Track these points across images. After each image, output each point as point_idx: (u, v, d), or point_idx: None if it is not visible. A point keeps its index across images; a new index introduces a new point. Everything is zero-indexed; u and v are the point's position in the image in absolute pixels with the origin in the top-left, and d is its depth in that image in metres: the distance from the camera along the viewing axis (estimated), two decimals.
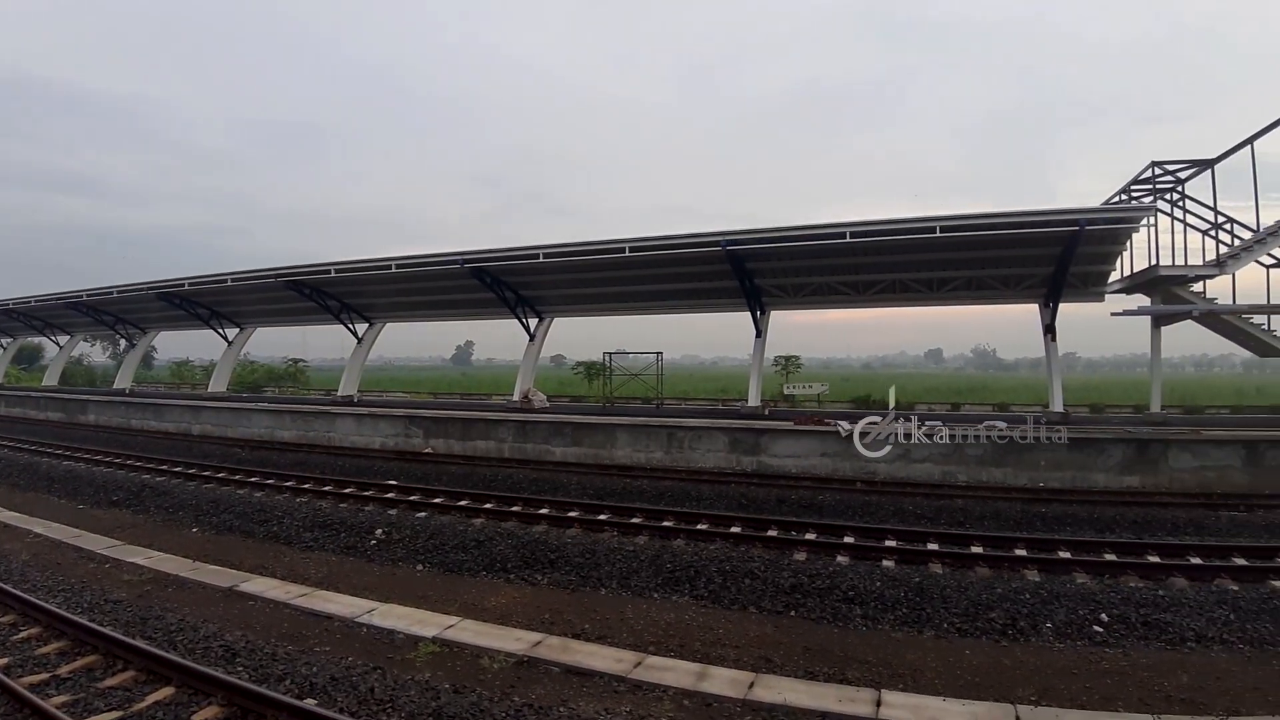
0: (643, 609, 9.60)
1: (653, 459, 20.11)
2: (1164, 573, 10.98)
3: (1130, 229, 21.15)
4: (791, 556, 11.65)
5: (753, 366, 26.26)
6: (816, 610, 9.60)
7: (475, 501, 15.54)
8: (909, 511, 15.14)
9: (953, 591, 10.06)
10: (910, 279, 24.28)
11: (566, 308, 29.52)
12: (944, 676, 7.72)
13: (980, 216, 20.66)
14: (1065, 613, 9.42)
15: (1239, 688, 7.54)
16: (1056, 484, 17.07)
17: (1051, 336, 23.06)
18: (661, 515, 14.22)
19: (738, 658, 8.00)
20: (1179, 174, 24.34)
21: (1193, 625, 9.07)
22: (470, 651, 8.02)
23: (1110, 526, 14.00)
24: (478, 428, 22.87)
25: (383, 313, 32.86)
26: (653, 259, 23.83)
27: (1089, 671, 7.95)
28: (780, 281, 25.34)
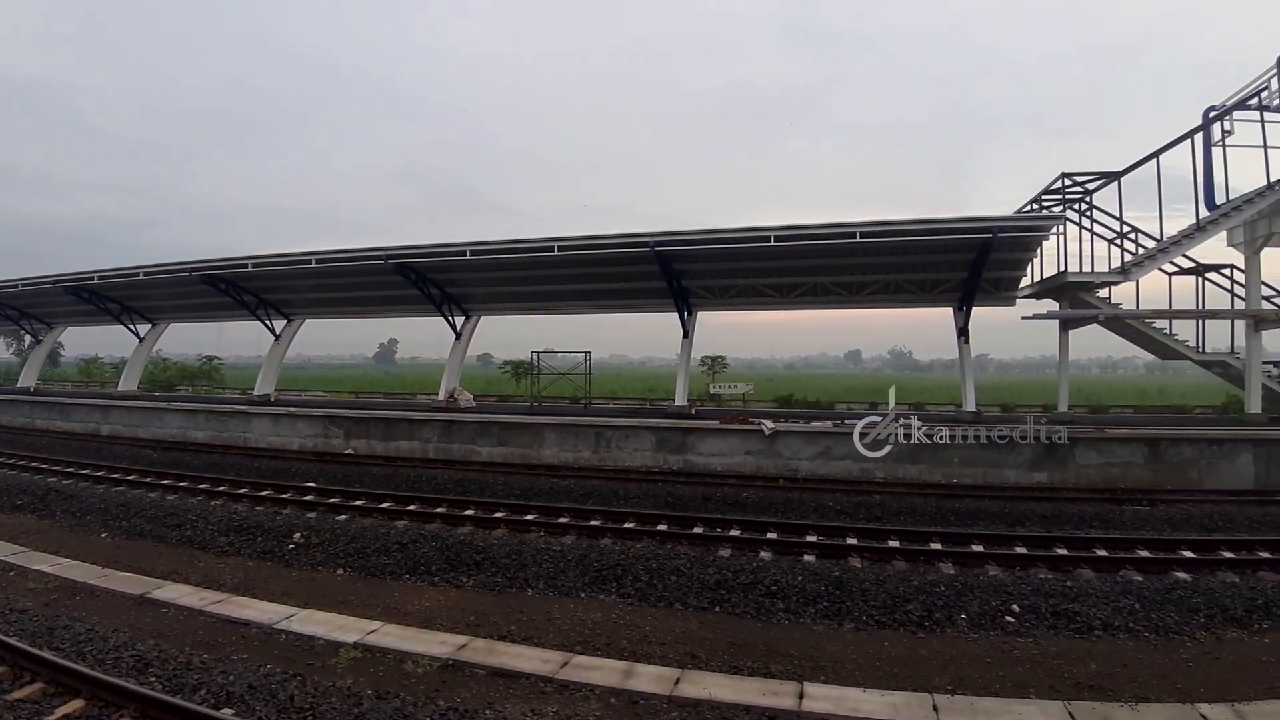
0: (570, 609, 9.65)
1: (580, 458, 20.18)
2: (1072, 565, 11.53)
3: (1040, 237, 22.23)
4: (717, 553, 11.88)
5: (680, 366, 26.53)
6: (741, 605, 9.79)
7: (398, 503, 15.35)
8: (829, 507, 15.58)
9: (871, 585, 10.40)
10: (832, 282, 24.92)
11: (494, 306, 29.30)
12: (864, 668, 7.96)
13: (898, 223, 21.39)
14: (979, 604, 9.81)
15: (1146, 675, 7.94)
16: (969, 480, 17.78)
17: (965, 339, 23.94)
18: (589, 515, 14.30)
19: (664, 655, 8.12)
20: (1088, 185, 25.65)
21: (1100, 615, 9.53)
22: (393, 656, 7.94)
23: (1021, 520, 14.64)
24: (401, 428, 22.53)
25: (302, 309, 32.02)
26: (581, 258, 23.89)
27: (1002, 660, 8.27)
28: (707, 283, 25.68)
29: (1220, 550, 12.22)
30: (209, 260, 28.29)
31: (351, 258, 25.78)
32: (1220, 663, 8.30)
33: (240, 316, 32.15)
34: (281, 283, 29.51)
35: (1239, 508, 15.67)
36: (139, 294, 33.34)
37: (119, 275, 30.50)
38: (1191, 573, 11.20)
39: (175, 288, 31.17)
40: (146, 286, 31.54)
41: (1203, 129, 22.35)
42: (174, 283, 30.16)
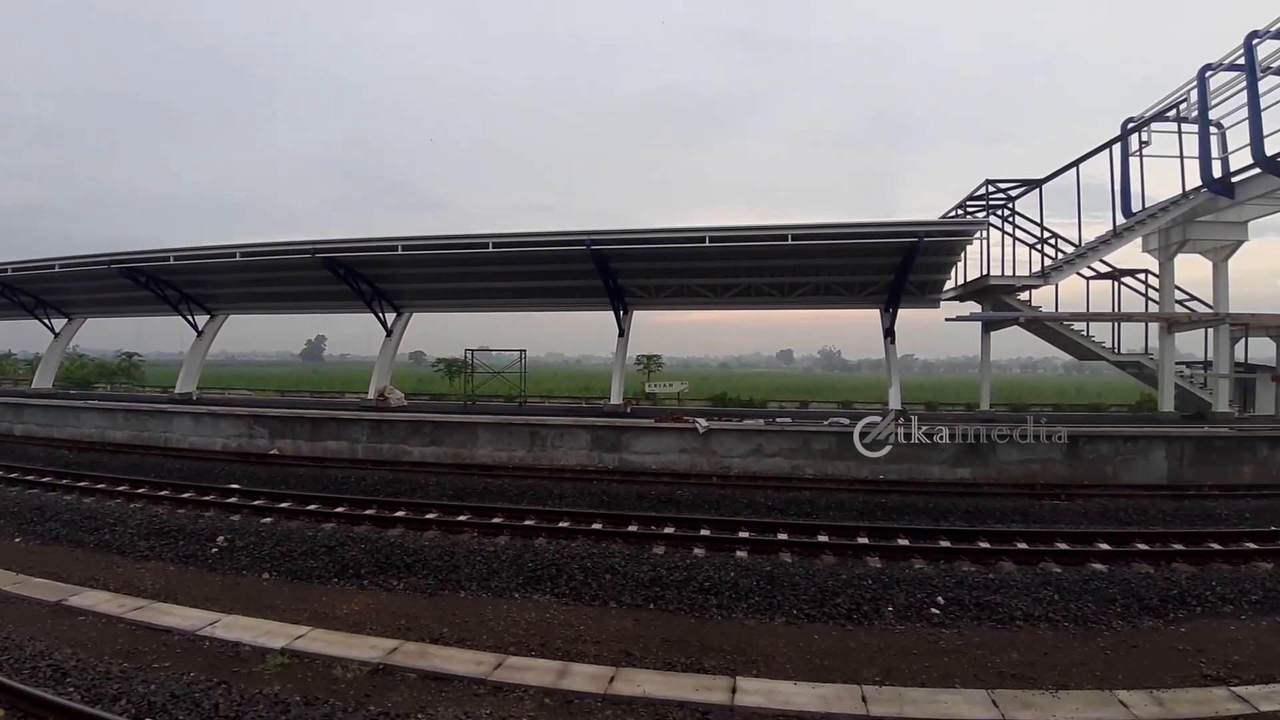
0: (504, 610, 9.54)
1: (515, 457, 20.00)
2: (994, 558, 11.88)
3: (965, 241, 22.96)
4: (651, 551, 11.90)
5: (615, 365, 26.58)
6: (675, 602, 9.83)
7: (326, 505, 14.96)
8: (761, 504, 15.81)
9: (801, 579, 10.57)
10: (764, 283, 25.28)
11: (426, 303, 28.86)
12: (795, 661, 8.07)
13: (828, 227, 21.83)
14: (905, 596, 10.05)
15: (1066, 663, 8.21)
16: (895, 476, 18.20)
17: (891, 339, 24.57)
18: (523, 514, 14.17)
19: (598, 653, 8.09)
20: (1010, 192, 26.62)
21: (1021, 606, 9.84)
22: (322, 661, 7.74)
23: (945, 515, 15.04)
24: (329, 427, 21.99)
25: (226, 304, 31.04)
26: (517, 255, 23.73)
27: (928, 651, 8.47)
28: (643, 282, 25.78)
29: (1135, 543, 12.72)
30: (129, 252, 27.25)
31: (278, 251, 25.11)
32: (1137, 650, 8.64)
33: (162, 311, 31.00)
34: (205, 276, 28.56)
35: (1153, 502, 16.38)
36: (55, 287, 31.90)
37: (33, 268, 29.18)
38: (1108, 564, 11.64)
39: (93, 281, 29.88)
40: (62, 279, 30.17)
41: (1121, 139, 23.37)
42: (92, 275, 28.89)
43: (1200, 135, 20.89)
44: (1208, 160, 20.72)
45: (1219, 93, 20.50)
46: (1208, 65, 20.18)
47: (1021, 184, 26.48)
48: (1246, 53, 18.23)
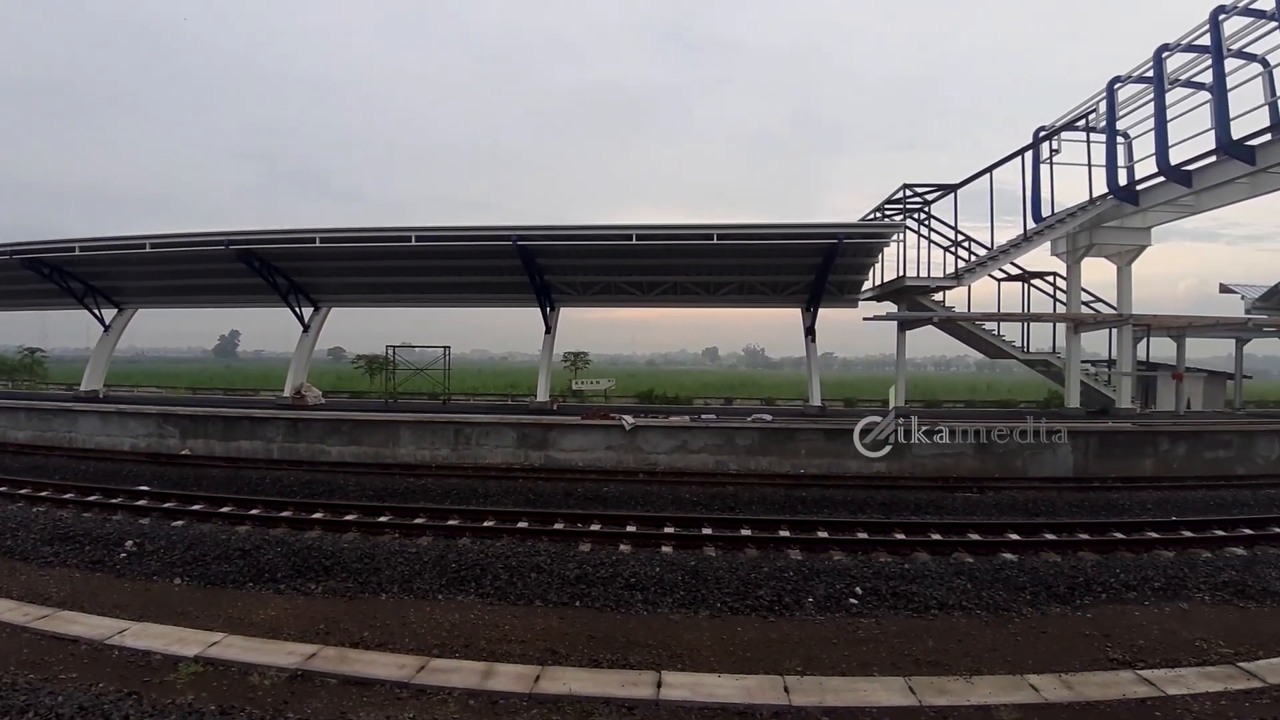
0: (426, 612, 9.36)
1: (438, 456, 19.69)
2: (909, 548, 12.25)
3: (882, 243, 23.63)
4: (577, 548, 11.88)
5: (542, 362, 26.44)
6: (601, 599, 9.82)
7: (240, 507, 14.42)
8: (686, 499, 15.98)
9: (725, 572, 10.69)
10: (691, 282, 25.50)
11: (346, 297, 28.15)
12: (719, 654, 8.13)
13: (752, 227, 22.22)
14: (825, 588, 10.24)
15: (979, 649, 8.49)
16: (816, 470, 18.62)
17: (811, 338, 25.10)
18: (447, 514, 13.94)
19: (524, 653, 8.01)
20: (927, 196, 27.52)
21: (935, 595, 10.14)
22: (237, 669, 7.46)
23: (862, 508, 15.44)
24: (243, 426, 21.24)
25: (135, 297, 29.66)
26: (441, 249, 23.37)
27: (847, 641, 8.65)
28: (570, 279, 25.70)
29: (1043, 533, 13.26)
30: (31, 243, 25.80)
31: (190, 243, 24.15)
32: (1046, 636, 9.00)
33: (66, 305, 29.46)
34: (112, 268, 27.25)
35: (1059, 493, 17.15)
36: None
37: None
38: (1018, 554, 12.12)
39: None
40: None
41: (1033, 147, 24.34)
42: None
43: (1108, 144, 21.88)
44: (1114, 168, 21.73)
45: (1126, 104, 21.50)
46: (1117, 77, 21.13)
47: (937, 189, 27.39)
48: (1155, 65, 19.12)
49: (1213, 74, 17.33)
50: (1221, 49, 16.95)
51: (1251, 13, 16.21)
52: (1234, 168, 18.01)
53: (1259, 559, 12.06)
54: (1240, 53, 17.22)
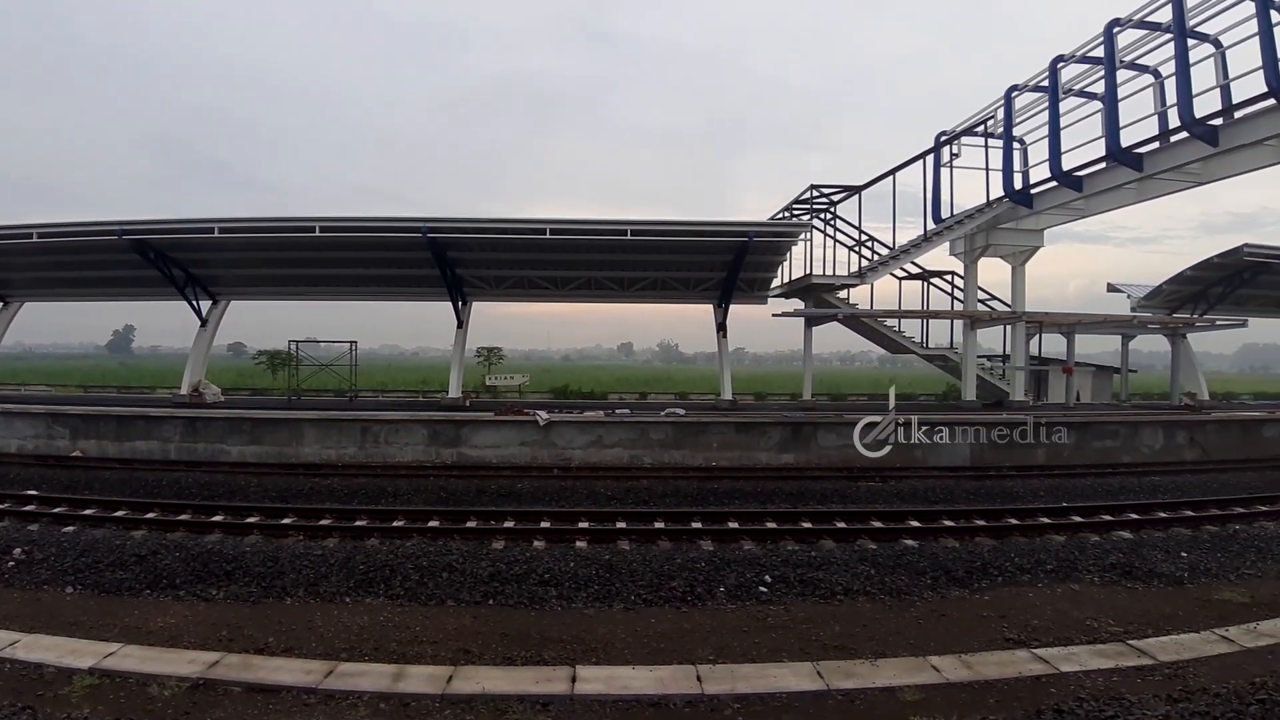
0: (334, 615, 9.10)
1: (345, 455, 19.14)
2: (816, 537, 12.61)
3: (790, 242, 24.23)
4: (490, 546, 11.74)
5: (454, 357, 26.07)
6: (514, 596, 9.75)
7: (135, 510, 13.72)
8: (601, 494, 16.01)
9: (639, 565, 10.79)
10: (605, 277, 25.56)
11: (246, 290, 27.09)
12: (633, 646, 8.19)
13: (666, 224, 22.50)
14: (735, 577, 10.45)
15: (883, 632, 8.80)
16: (727, 463, 18.95)
17: (723, 334, 25.51)
18: (354, 514, 13.57)
19: (436, 653, 7.88)
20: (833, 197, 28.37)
21: (841, 581, 10.46)
22: (135, 680, 7.11)
23: (771, 498, 15.83)
24: (137, 426, 20.20)
25: (22, 290, 27.83)
26: (348, 241, 22.74)
27: (757, 628, 8.86)
28: (482, 273, 25.40)
29: (942, 520, 13.83)
30: None
31: (81, 233, 22.83)
32: (946, 619, 9.38)
33: None
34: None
35: (957, 482, 17.87)
36: None
37: None
38: (918, 540, 12.60)
39: None
40: None
41: (934, 151, 25.29)
42: None
43: (1004, 150, 22.94)
44: (1010, 173, 22.78)
45: (1023, 111, 22.53)
46: (1014, 86, 22.11)
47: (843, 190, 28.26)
48: (1051, 75, 20.08)
49: (1105, 84, 18.30)
50: (1114, 61, 17.90)
51: (1145, 25, 17.15)
52: (1122, 174, 19.09)
53: (1144, 542, 12.84)
54: (1132, 64, 18.21)
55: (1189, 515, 14.42)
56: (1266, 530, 13.71)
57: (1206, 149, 16.32)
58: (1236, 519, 14.33)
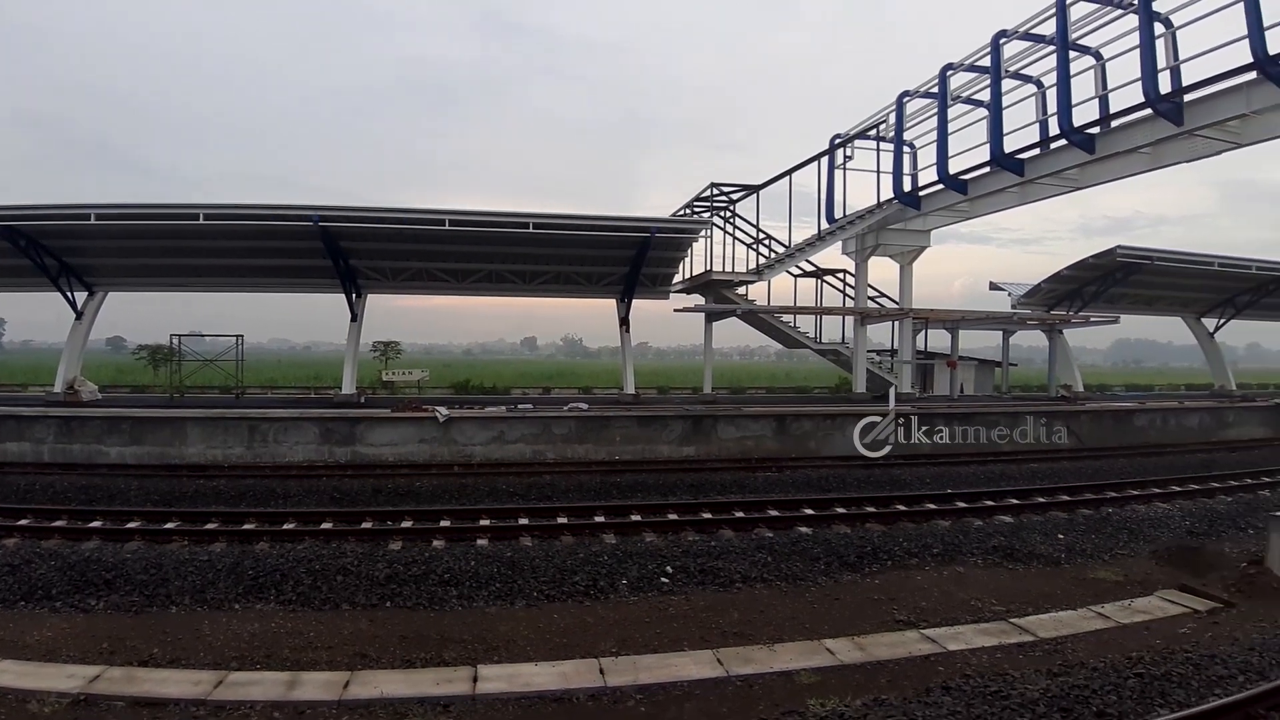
0: (222, 623, 8.76)
1: (232, 455, 18.35)
2: (715, 527, 12.94)
3: (692, 238, 24.62)
4: (387, 547, 11.50)
5: (348, 352, 25.30)
6: (413, 598, 9.63)
7: (6, 518, 12.79)
8: (503, 490, 15.91)
9: (541, 561, 10.82)
10: (507, 270, 25.32)
11: (126, 280, 25.56)
12: (535, 643, 8.24)
13: (569, 217, 22.39)
14: (638, 569, 10.64)
15: (780, 618, 9.13)
16: (630, 456, 19.16)
17: (626, 328, 25.69)
18: (242, 518, 13.06)
19: (331, 659, 7.71)
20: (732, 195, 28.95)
21: (739, 569, 10.80)
22: (13, 696, 6.70)
23: (672, 490, 16.13)
24: (7, 426, 18.80)
25: None
26: (234, 229, 21.71)
27: (659, 618, 9.04)
28: (378, 264, 24.74)
29: (835, 507, 14.37)
30: None
31: None
32: (839, 602, 9.81)
33: None
34: None
35: (848, 470, 18.59)
36: None
37: None
38: (812, 527, 13.12)
39: None
40: None
41: (829, 153, 26.07)
42: None
43: (895, 153, 23.82)
44: (900, 176, 23.69)
45: (913, 117, 23.39)
46: (906, 92, 22.95)
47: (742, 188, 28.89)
48: (940, 82, 20.92)
49: (990, 93, 19.19)
50: (1000, 70, 18.79)
51: (1030, 37, 18.04)
52: (1005, 178, 20.07)
53: (1024, 525, 13.71)
54: (1017, 74, 19.16)
55: (1065, 500, 15.46)
56: (1137, 513, 14.80)
57: (1084, 156, 17.26)
58: (1109, 503, 15.43)
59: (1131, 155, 16.94)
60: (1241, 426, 26.24)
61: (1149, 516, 14.53)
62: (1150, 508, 15.24)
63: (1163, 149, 16.30)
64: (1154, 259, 27.67)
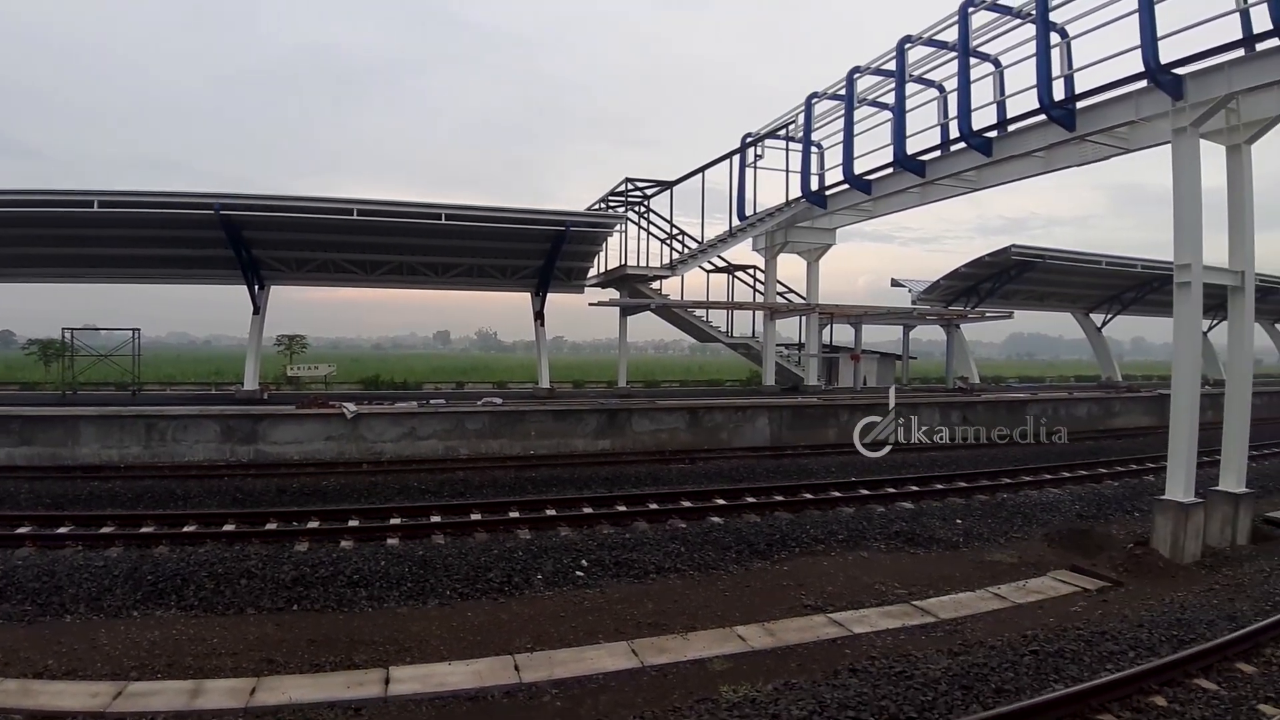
0: (121, 631, 8.41)
1: (128, 455, 17.52)
2: (630, 519, 13.16)
3: (606, 232, 24.75)
4: (293, 549, 11.23)
5: (250, 346, 24.48)
6: (321, 600, 9.46)
7: None
8: (415, 488, 15.72)
9: (454, 559, 10.76)
10: (418, 262, 24.92)
11: (15, 271, 23.99)
12: (449, 642, 8.23)
13: (482, 209, 22.19)
14: (553, 564, 10.71)
15: (693, 607, 9.38)
16: (545, 451, 19.20)
17: (540, 322, 25.66)
18: (139, 520, 12.52)
19: (236, 666, 7.52)
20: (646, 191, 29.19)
21: (654, 560, 11.02)
22: None
23: (587, 484, 16.23)
24: None
25: None
26: (131, 217, 20.65)
27: (574, 612, 9.16)
28: (282, 254, 23.96)
29: (745, 497, 14.83)
30: None
31: None
32: (750, 590, 10.14)
33: None
34: None
35: (758, 461, 19.14)
36: None
37: None
38: (724, 517, 13.49)
39: None
40: None
41: (740, 151, 26.52)
42: None
43: (803, 153, 24.40)
44: (808, 175, 24.29)
45: (822, 118, 23.91)
46: (814, 93, 23.47)
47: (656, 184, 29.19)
48: (847, 85, 21.45)
49: (895, 96, 19.80)
50: (904, 74, 19.40)
51: (934, 43, 18.65)
52: (907, 179, 20.77)
53: (924, 511, 14.39)
54: (921, 78, 19.82)
55: (963, 486, 16.28)
56: (1030, 498, 15.71)
57: (982, 158, 17.96)
58: (1004, 488, 16.35)
59: (1027, 158, 17.73)
60: (1127, 415, 27.92)
61: (1041, 501, 15.43)
62: (1043, 493, 16.19)
63: (1056, 153, 17.10)
64: (1046, 257, 29.14)
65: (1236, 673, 7.35)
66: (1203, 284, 11.99)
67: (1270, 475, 18.03)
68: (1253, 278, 12.67)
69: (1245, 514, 12.61)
